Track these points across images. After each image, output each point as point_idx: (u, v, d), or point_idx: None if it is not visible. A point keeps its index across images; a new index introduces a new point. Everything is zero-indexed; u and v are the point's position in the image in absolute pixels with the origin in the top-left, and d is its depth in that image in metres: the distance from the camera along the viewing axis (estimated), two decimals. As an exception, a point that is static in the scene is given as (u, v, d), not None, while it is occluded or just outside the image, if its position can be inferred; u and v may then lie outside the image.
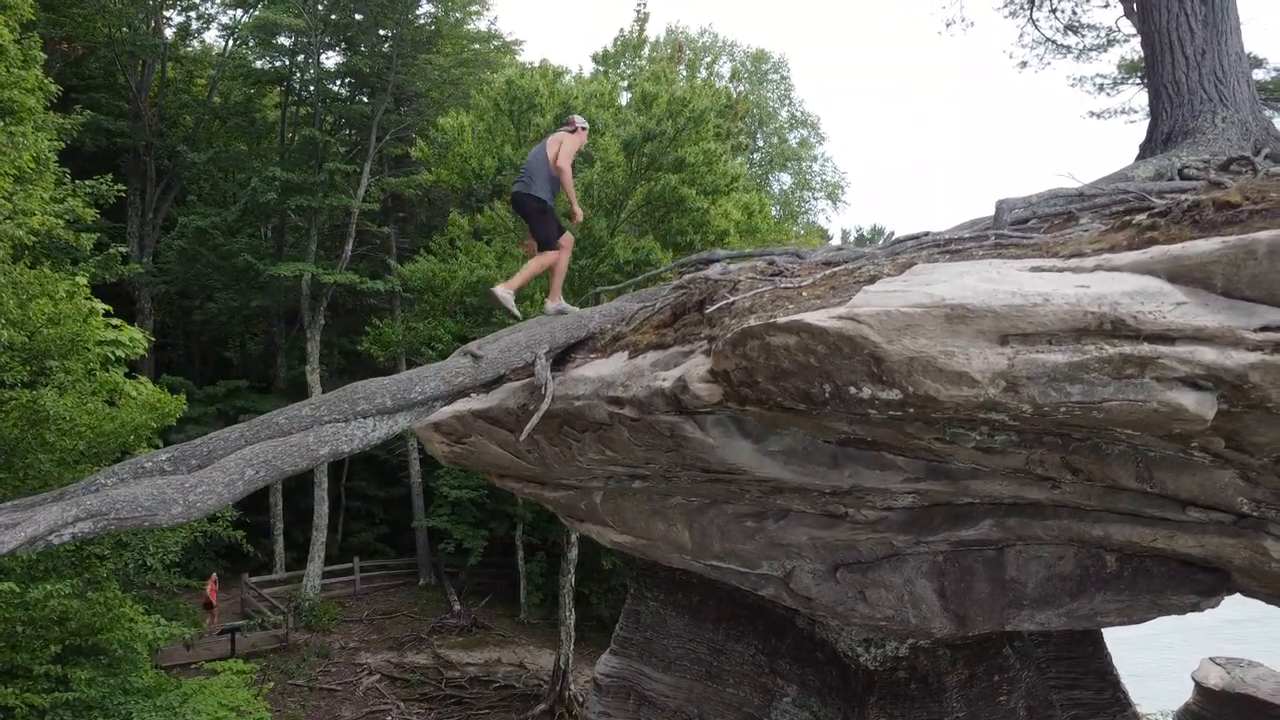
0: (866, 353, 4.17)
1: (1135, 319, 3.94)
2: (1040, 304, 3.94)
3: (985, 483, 6.15)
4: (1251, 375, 3.96)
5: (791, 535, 7.36)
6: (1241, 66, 7.82)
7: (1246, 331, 3.95)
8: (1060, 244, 4.77)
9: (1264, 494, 5.32)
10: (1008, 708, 8.86)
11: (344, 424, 5.74)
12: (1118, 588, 6.77)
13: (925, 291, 4.09)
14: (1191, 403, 4.12)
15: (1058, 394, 4.10)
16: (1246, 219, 4.11)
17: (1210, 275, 4.07)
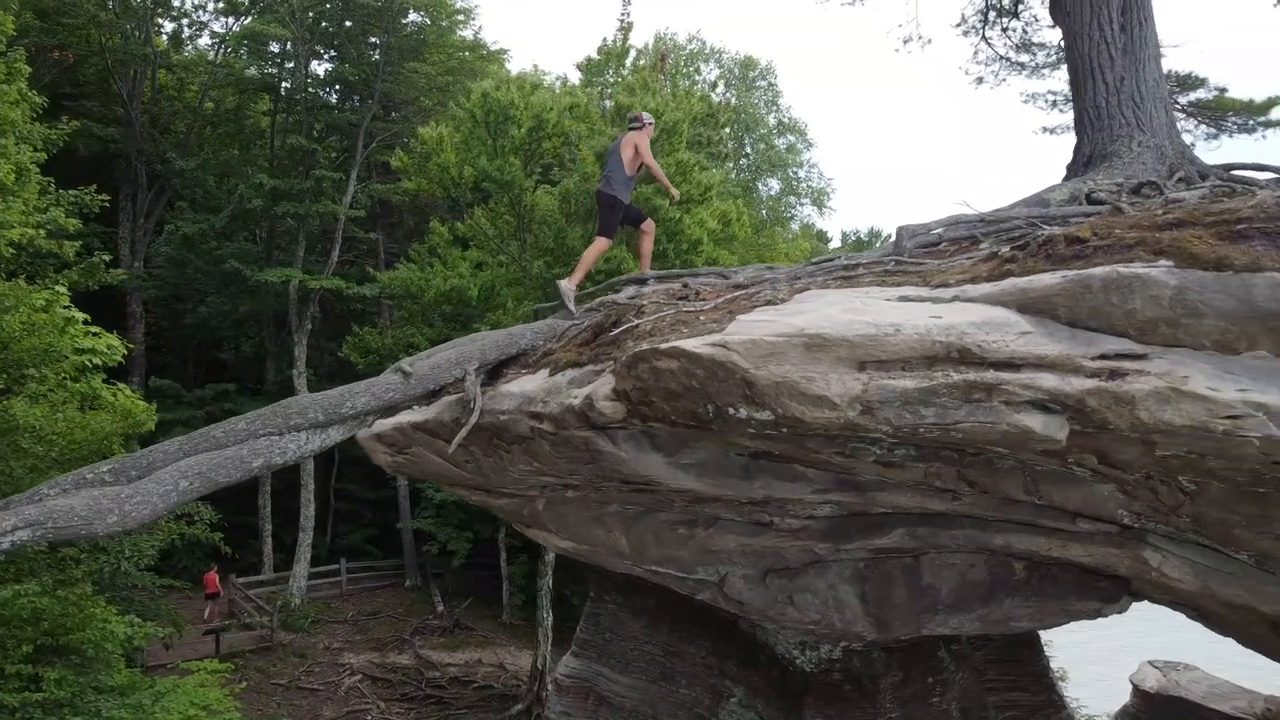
0: (738, 378, 4.48)
1: (980, 348, 4.25)
2: (892, 334, 4.26)
3: (891, 494, 6.46)
4: (1089, 400, 4.27)
5: (721, 542, 7.68)
6: (1160, 92, 8.12)
7: (1085, 360, 4.25)
8: (938, 273, 5.08)
9: (1141, 507, 5.63)
10: (940, 709, 9.15)
11: (278, 437, 6.05)
12: (1026, 594, 7.09)
13: (788, 322, 4.40)
14: (1039, 425, 4.43)
15: (912, 416, 4.41)
16: (1091, 254, 4.42)
17: (1055, 307, 4.38)
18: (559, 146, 17.39)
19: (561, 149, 18.19)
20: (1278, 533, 5.30)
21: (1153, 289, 4.15)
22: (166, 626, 14.81)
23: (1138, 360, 4.25)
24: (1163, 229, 4.34)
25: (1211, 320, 4.15)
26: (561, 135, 16.95)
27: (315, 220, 24.85)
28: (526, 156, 16.81)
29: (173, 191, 27.21)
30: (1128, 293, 4.19)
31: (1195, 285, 4.09)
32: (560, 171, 19.36)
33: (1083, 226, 4.67)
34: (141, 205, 26.54)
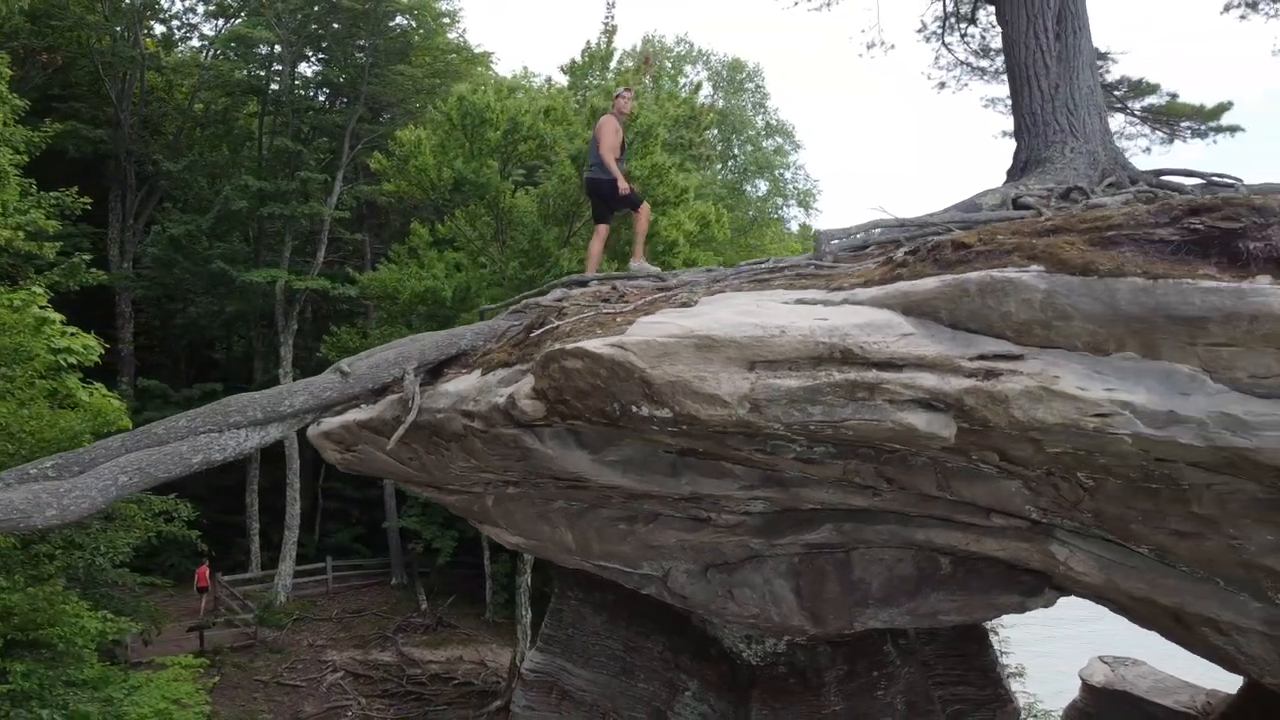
0: (637, 377, 4.68)
1: (862, 349, 4.45)
2: (778, 335, 4.46)
3: (815, 490, 6.66)
4: (966, 399, 4.47)
5: (661, 538, 7.88)
6: (1094, 99, 8.31)
7: (963, 360, 4.45)
8: (840, 277, 5.28)
9: (1046, 503, 5.83)
10: (885, 702, 9.35)
11: (218, 434, 6.26)
12: (952, 588, 7.29)
13: (680, 324, 4.60)
14: (922, 423, 4.63)
15: (800, 414, 4.61)
16: (974, 259, 4.61)
17: (937, 309, 4.58)
18: (535, 149, 17.60)
19: (543, 151, 18.37)
20: (1172, 528, 5.50)
21: (1024, 293, 4.35)
22: (143, 622, 15.00)
23: (1013, 361, 4.45)
24: (1040, 235, 4.53)
25: (1080, 323, 4.35)
26: (537, 138, 17.17)
27: (302, 221, 25.07)
28: (504, 159, 17.03)
29: (162, 192, 27.44)
30: (1002, 296, 4.39)
31: (1063, 289, 4.29)
32: (545, 172, 19.57)
33: (970, 233, 4.86)
34: (131, 206, 26.77)
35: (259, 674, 20.79)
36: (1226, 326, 4.13)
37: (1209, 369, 4.30)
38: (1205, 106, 11.26)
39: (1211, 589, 5.79)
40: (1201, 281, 4.10)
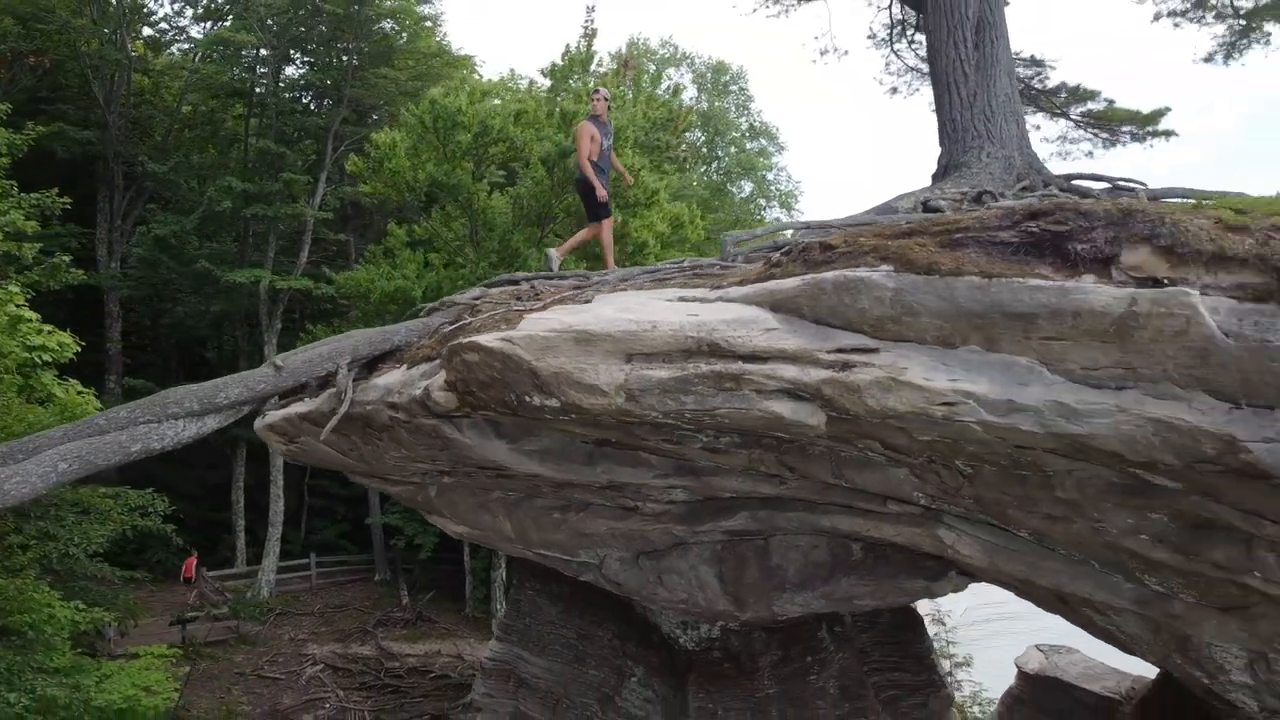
0: (525, 368, 5.03)
1: (728, 342, 4.80)
2: (650, 330, 4.81)
3: (726, 479, 7.02)
4: (824, 389, 4.82)
5: (592, 526, 8.24)
6: (1011, 106, 8.66)
7: (821, 353, 4.81)
8: (724, 277, 5.63)
9: (932, 489, 6.18)
10: (817, 686, 9.70)
11: (156, 424, 6.62)
12: (863, 573, 7.64)
13: (563, 319, 4.96)
14: (788, 411, 4.98)
15: (674, 403, 4.97)
16: (836, 260, 4.96)
17: (800, 306, 4.93)
18: (506, 151, 17.95)
19: (514, 153, 18.71)
20: (1044, 512, 5.85)
21: (875, 291, 4.70)
22: (118, 614, 15.35)
23: (868, 354, 4.80)
24: (895, 238, 4.88)
25: (927, 318, 4.70)
26: (507, 141, 17.52)
27: (287, 222, 25.42)
28: (476, 161, 17.38)
29: (149, 193, 27.80)
30: (855, 294, 4.74)
31: (909, 287, 4.64)
32: (523, 174, 19.92)
33: (836, 235, 5.21)
34: (119, 206, 27.12)
35: (239, 667, 21.12)
36: (1054, 322, 4.48)
37: (1045, 361, 4.65)
38: (1142, 112, 11.59)
39: (1087, 570, 6.14)
40: (1030, 280, 4.46)
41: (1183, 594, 5.84)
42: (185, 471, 27.62)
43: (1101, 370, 4.58)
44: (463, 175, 16.93)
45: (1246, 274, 4.28)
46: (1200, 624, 5.89)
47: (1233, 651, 5.86)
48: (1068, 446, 4.92)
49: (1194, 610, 5.86)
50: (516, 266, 16.87)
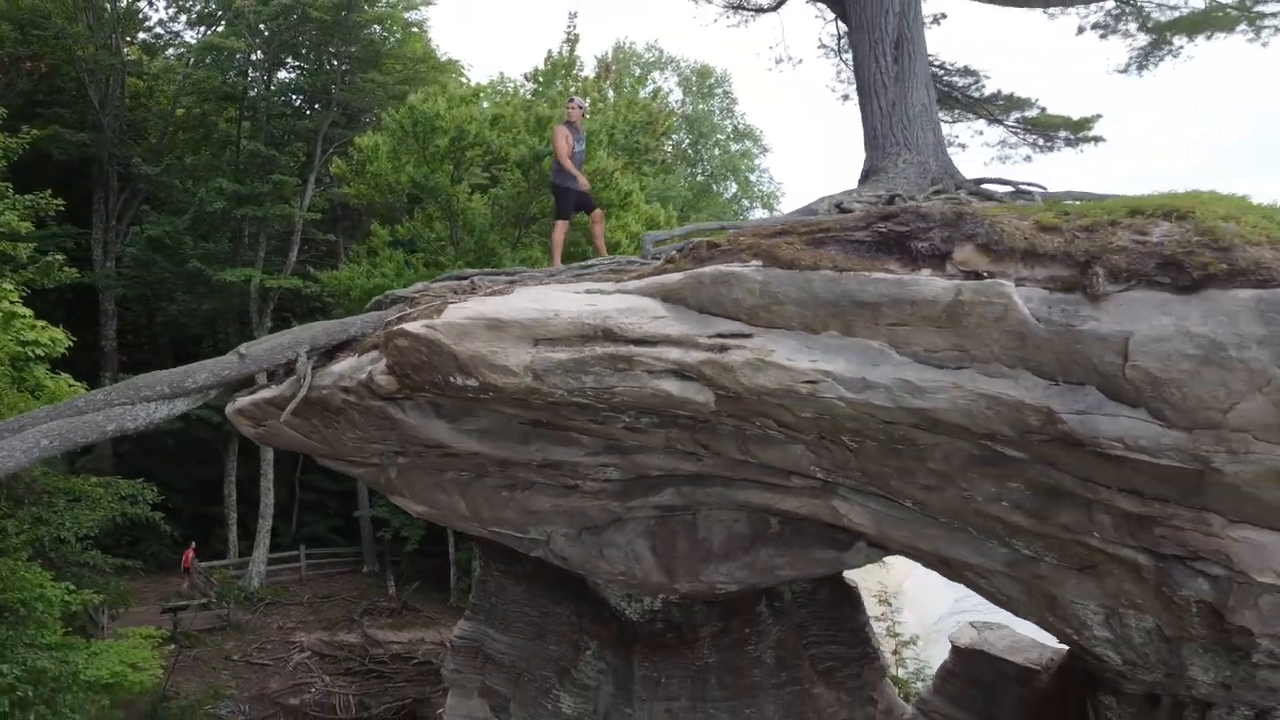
0: (447, 352, 5.72)
1: (620, 328, 5.49)
2: (553, 318, 5.50)
3: (649, 456, 7.71)
4: (704, 369, 5.51)
5: (537, 503, 8.92)
6: (928, 116, 9.34)
7: (702, 337, 5.49)
8: (630, 272, 6.32)
9: (827, 463, 6.87)
10: (754, 656, 10.37)
11: (130, 406, 7.30)
12: (780, 544, 8.33)
13: (477, 309, 5.65)
14: (676, 389, 5.67)
15: (575, 381, 5.65)
16: (719, 256, 5.64)
17: (685, 297, 5.62)
18: (482, 155, 18.63)
19: (489, 157, 19.38)
20: (921, 483, 6.54)
21: (746, 283, 5.38)
22: (110, 598, 16.04)
23: (742, 338, 5.48)
24: (770, 237, 5.56)
25: (791, 307, 5.38)
26: (483, 145, 18.20)
27: (277, 223, 26.12)
28: (455, 164, 18.07)
29: (144, 194, 28.50)
30: (730, 285, 5.42)
31: (774, 280, 5.32)
32: (502, 177, 20.60)
33: (720, 235, 5.90)
34: (114, 207, 27.84)
35: (228, 654, 21.84)
36: (896, 310, 5.16)
37: (893, 344, 5.34)
38: (1072, 118, 12.26)
39: (963, 536, 6.82)
40: (875, 274, 5.14)
41: (1046, 556, 6.53)
42: (179, 466, 28.32)
43: (941, 352, 5.27)
44: (441, 178, 17.63)
45: (1056, 268, 4.97)
46: (1062, 584, 6.57)
47: (1091, 608, 6.53)
48: (921, 420, 5.61)
49: (1056, 571, 6.54)
50: (493, 264, 17.54)
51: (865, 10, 9.35)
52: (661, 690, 10.26)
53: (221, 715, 18.54)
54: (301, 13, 23.87)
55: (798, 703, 10.44)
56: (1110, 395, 5.01)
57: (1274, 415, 4.69)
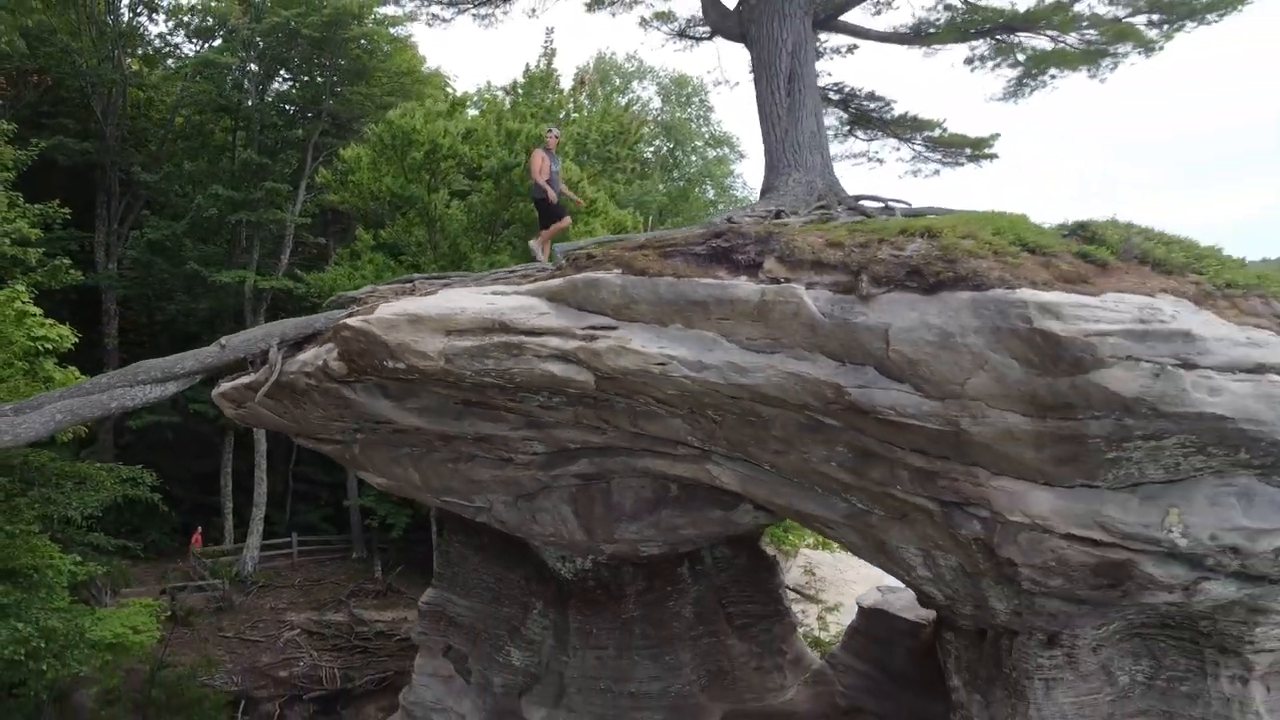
0: (379, 341, 7.22)
1: (513, 322, 6.99)
2: (459, 313, 6.99)
3: (563, 431, 9.21)
4: (578, 354, 7.02)
5: (478, 474, 10.43)
6: (816, 141, 10.82)
7: (577, 329, 7.00)
8: (531, 277, 7.82)
9: (700, 434, 8.37)
10: (675, 611, 11.87)
11: (129, 388, 8.82)
12: (678, 507, 9.84)
13: (403, 306, 7.15)
14: (559, 370, 7.17)
15: (479, 364, 7.15)
16: (595, 265, 7.14)
17: (566, 297, 7.12)
18: (455, 167, 20.12)
19: (474, 166, 20.85)
20: (772, 449, 8.03)
21: (610, 287, 6.88)
22: (112, 572, 17.54)
23: (609, 330, 6.98)
24: (631, 250, 7.06)
25: (644, 306, 6.88)
26: (456, 157, 19.68)
27: (271, 226, 27.60)
28: (430, 174, 19.57)
29: (144, 199, 29.99)
30: (598, 289, 6.92)
31: (631, 285, 6.82)
32: (477, 186, 22.07)
33: (599, 247, 7.39)
34: (115, 212, 29.30)
35: (223, 631, 23.33)
36: (720, 308, 6.66)
37: (723, 335, 6.84)
38: (969, 136, 13.72)
39: (811, 494, 8.31)
40: (704, 279, 6.64)
41: (874, 509, 8.03)
42: (178, 459, 29.78)
43: (758, 340, 6.77)
44: (418, 188, 19.12)
45: (837, 275, 6.46)
46: (888, 530, 8.07)
47: (911, 551, 8.03)
48: (750, 395, 7.11)
49: (882, 521, 8.04)
50: (464, 267, 19.03)
51: (763, 49, 10.83)
52: (592, 640, 11.76)
53: (215, 684, 20.03)
54: (292, 29, 25.35)
55: (713, 652, 11.94)
56: (883, 373, 6.50)
57: (996, 388, 6.18)
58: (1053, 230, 7.59)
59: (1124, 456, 6.39)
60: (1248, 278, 7.55)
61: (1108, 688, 8.15)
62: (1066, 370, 5.85)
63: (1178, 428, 6.04)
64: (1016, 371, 6.00)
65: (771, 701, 11.80)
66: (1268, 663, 7.66)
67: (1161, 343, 5.79)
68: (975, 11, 11.27)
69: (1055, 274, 6.39)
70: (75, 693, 17.82)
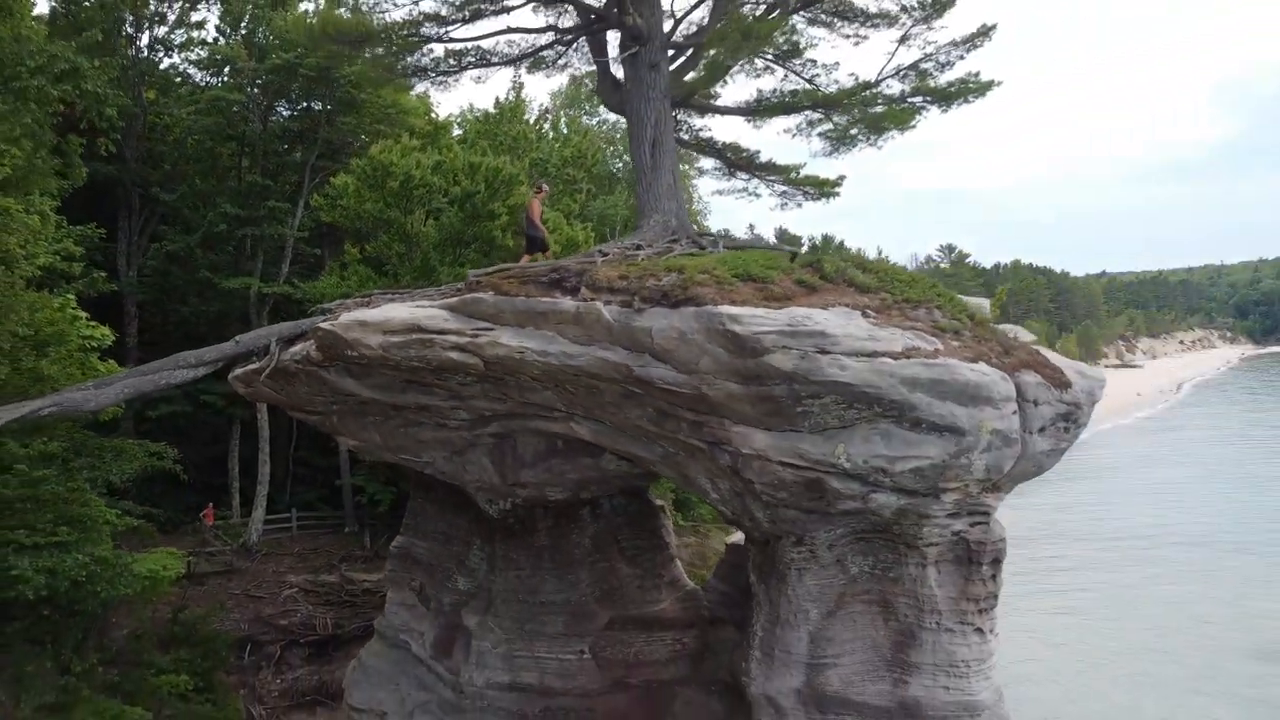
0: (340, 338, 11.07)
1: (426, 325, 10.85)
2: (392, 319, 10.85)
3: (478, 401, 13.06)
4: (468, 346, 10.87)
5: (423, 435, 14.27)
6: (672, 192, 14.66)
7: (466, 330, 10.87)
8: (446, 294, 11.66)
9: (564, 402, 12.22)
10: (576, 542, 15.68)
11: (172, 371, 12.70)
12: (562, 456, 13.70)
13: (355, 315, 10.99)
14: (457, 356, 11.05)
15: (406, 354, 11.01)
16: (479, 288, 10.97)
17: (460, 310, 10.99)
18: (426, 195, 23.99)
19: (445, 190, 24.72)
20: (610, 411, 11.87)
21: (486, 304, 10.73)
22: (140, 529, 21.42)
23: (488, 331, 10.83)
24: (504, 278, 10.91)
25: (509, 315, 10.73)
26: (427, 186, 23.53)
27: (272, 239, 31.48)
28: (405, 200, 23.43)
29: (161, 215, 33.89)
30: (479, 304, 10.77)
31: (500, 301, 10.67)
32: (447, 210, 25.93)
33: (489, 276, 11.24)
34: (136, 225, 33.21)
35: (232, 589, 27.23)
36: (554, 316, 10.51)
37: (559, 333, 10.68)
38: (819, 176, 17.55)
39: (639, 442, 12.14)
40: (543, 299, 10.50)
41: (676, 450, 11.86)
42: (191, 445, 33.65)
43: (580, 337, 10.62)
44: (395, 212, 22.98)
45: (623, 296, 10.31)
46: (687, 465, 11.91)
47: (703, 478, 11.86)
48: (581, 372, 10.95)
49: (683, 459, 11.88)
50: (434, 279, 22.89)
51: (634, 123, 14.67)
52: (512, 564, 15.59)
53: (226, 628, 23.93)
54: (292, 68, 29.21)
55: (605, 574, 15.76)
56: (654, 357, 10.35)
57: (716, 366, 10.03)
58: (797, 262, 11.48)
59: (808, 410, 10.20)
60: (922, 294, 11.45)
61: (841, 574, 11.94)
62: (750, 355, 9.69)
63: (826, 391, 9.88)
64: (725, 356, 9.85)
65: (648, 610, 15.64)
66: (935, 553, 11.47)
67: (806, 337, 9.64)
68: (795, 95, 15.14)
69: (764, 295, 10.25)
70: (111, 630, 21.69)
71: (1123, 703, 24.07)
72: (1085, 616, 31.21)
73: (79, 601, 16.83)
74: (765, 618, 12.34)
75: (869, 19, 15.50)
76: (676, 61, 15.15)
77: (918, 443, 10.27)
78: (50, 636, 17.25)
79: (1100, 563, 37.62)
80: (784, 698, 12.00)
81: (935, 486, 10.67)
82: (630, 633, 15.51)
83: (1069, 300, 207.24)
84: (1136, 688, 24.97)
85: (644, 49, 14.40)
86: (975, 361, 10.44)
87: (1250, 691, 24.28)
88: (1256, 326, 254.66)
